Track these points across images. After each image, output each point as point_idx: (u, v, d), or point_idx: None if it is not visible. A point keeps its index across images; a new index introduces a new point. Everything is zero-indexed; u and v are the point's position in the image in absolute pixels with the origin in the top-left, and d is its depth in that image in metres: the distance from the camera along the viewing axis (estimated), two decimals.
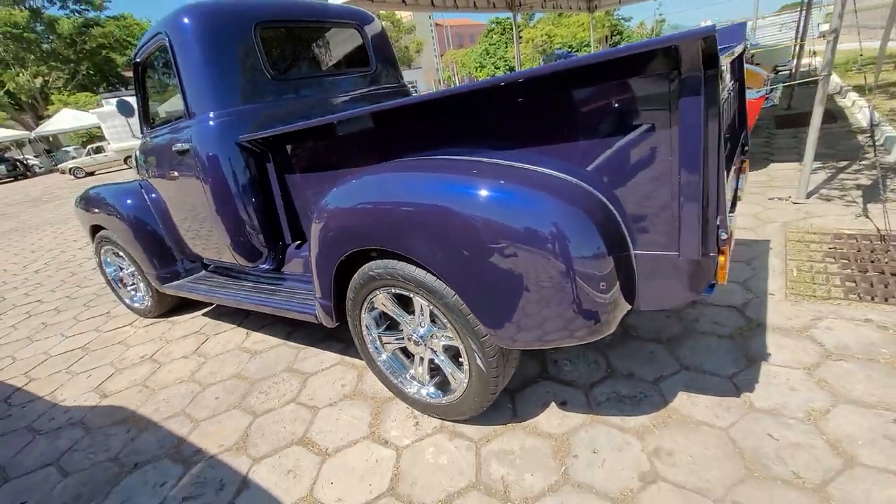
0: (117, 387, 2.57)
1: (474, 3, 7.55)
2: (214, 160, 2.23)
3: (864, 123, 5.30)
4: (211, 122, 2.22)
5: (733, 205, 1.98)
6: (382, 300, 1.78)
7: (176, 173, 2.51)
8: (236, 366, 2.57)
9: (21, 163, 24.66)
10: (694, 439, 1.60)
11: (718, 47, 1.09)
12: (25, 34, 33.83)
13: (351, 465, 1.73)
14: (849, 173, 3.87)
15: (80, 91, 34.84)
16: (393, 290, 1.70)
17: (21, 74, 32.76)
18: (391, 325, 1.93)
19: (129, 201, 2.97)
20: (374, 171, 1.69)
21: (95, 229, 3.31)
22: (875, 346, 1.87)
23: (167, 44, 2.24)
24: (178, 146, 2.36)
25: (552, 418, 1.80)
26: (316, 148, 2.06)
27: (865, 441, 1.48)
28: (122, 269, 3.41)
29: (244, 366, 2.55)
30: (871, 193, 3.35)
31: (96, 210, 3.15)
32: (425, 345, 1.77)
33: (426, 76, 65.08)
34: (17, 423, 2.40)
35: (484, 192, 1.38)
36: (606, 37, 33.46)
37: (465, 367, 1.63)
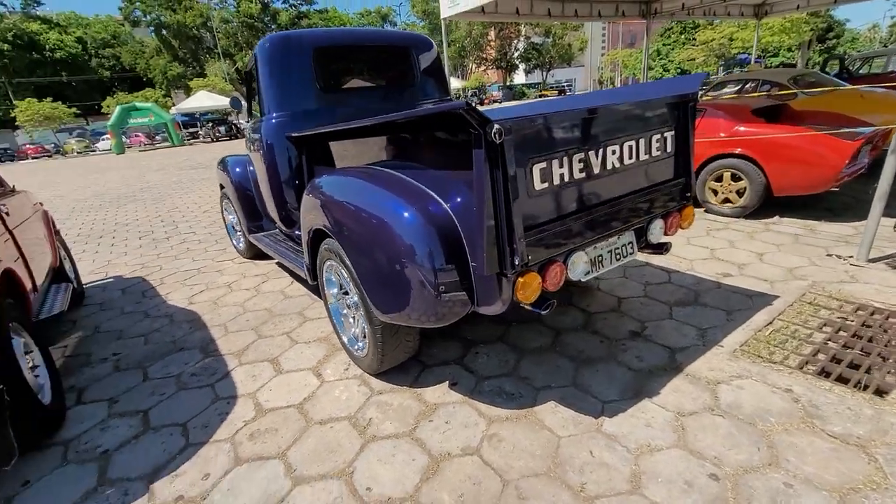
0: (200, 299, 3.65)
1: (599, 13, 7.45)
2: (271, 148, 3.04)
3: None
4: (273, 120, 3.02)
5: (661, 246, 2.07)
6: (335, 269, 2.36)
7: (256, 155, 3.42)
8: (271, 302, 3.42)
9: (235, 126, 31.24)
10: (529, 437, 1.85)
11: (505, 116, 1.40)
12: (256, 24, 42.03)
13: (288, 382, 2.37)
14: None
15: None
16: (334, 263, 2.26)
17: (248, 55, 41.03)
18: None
19: (237, 169, 4.04)
20: (335, 173, 2.26)
21: (222, 186, 4.53)
22: (767, 414, 1.82)
23: (255, 61, 3.10)
24: (255, 135, 3.25)
25: (438, 392, 2.19)
26: (326, 147, 2.71)
27: (665, 480, 1.58)
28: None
29: (276, 304, 3.39)
30: None
31: (222, 172, 4.32)
32: (356, 309, 2.30)
33: (589, 75, 62.50)
34: (141, 307, 3.62)
35: (381, 203, 1.84)
36: (810, 41, 28.10)
37: (366, 330, 2.13)
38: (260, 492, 1.71)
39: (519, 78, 53.41)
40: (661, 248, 2.14)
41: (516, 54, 44.03)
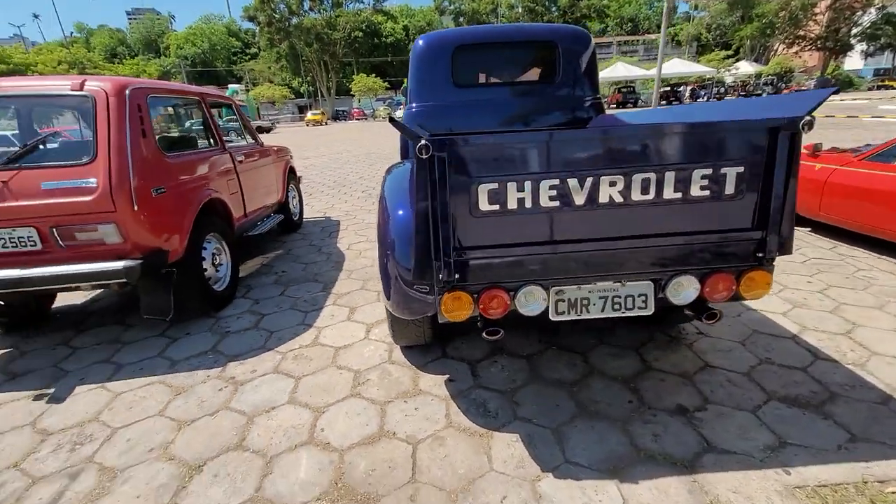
0: (355, 248, 4.55)
1: None
2: None
3: None
4: (413, 110, 3.46)
5: (701, 311, 1.66)
6: None
7: None
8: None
9: None
10: (466, 454, 1.83)
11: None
12: (537, 7, 43.73)
13: (346, 329, 2.88)
14: None
15: None
16: None
17: None
18: None
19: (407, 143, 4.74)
20: (406, 161, 2.54)
21: None
22: None
23: (411, 55, 3.55)
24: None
25: (433, 381, 2.31)
26: None
27: None
28: None
29: None
30: None
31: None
32: None
33: None
34: (321, 243, 4.77)
35: (393, 197, 2.06)
36: None
37: None
38: (269, 395, 2.27)
39: (852, 63, 39.79)
40: (702, 315, 1.64)
41: (855, 30, 32.80)
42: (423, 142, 1.39)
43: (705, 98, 35.46)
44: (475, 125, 3.22)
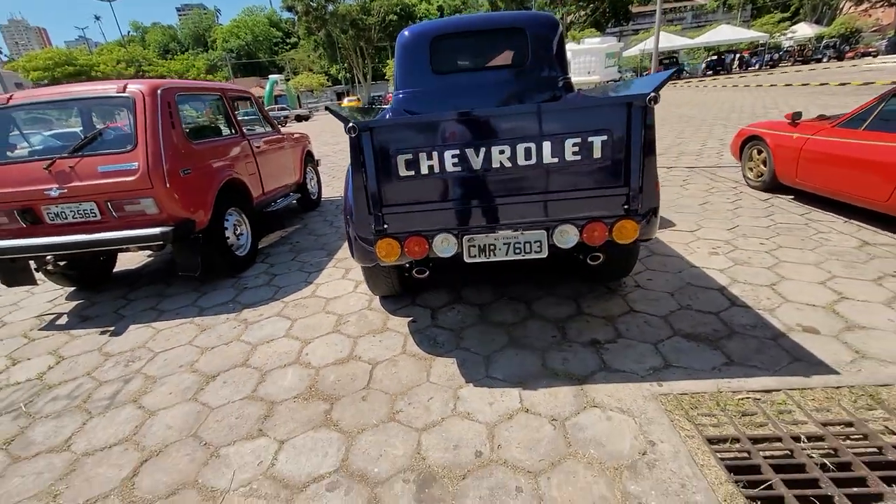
0: None
1: None
2: (395, 116, 3.96)
3: None
4: (399, 95, 3.90)
5: (585, 254, 2.07)
6: None
7: None
8: None
9: None
10: (410, 371, 2.32)
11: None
12: None
13: (339, 285, 3.43)
14: None
15: (591, 27, 41.73)
16: None
17: (557, 11, 42.22)
18: None
19: None
20: None
21: None
22: (598, 447, 1.72)
23: (397, 45, 3.98)
24: (387, 106, 4.22)
25: (399, 322, 2.81)
26: None
27: (445, 437, 1.86)
28: None
29: None
30: None
31: None
32: None
33: None
34: (334, 219, 5.35)
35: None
36: None
37: None
38: (271, 331, 2.85)
39: None
40: (587, 258, 2.02)
41: None
42: (350, 124, 1.85)
43: (756, 66, 33.29)
44: (453, 108, 3.63)
